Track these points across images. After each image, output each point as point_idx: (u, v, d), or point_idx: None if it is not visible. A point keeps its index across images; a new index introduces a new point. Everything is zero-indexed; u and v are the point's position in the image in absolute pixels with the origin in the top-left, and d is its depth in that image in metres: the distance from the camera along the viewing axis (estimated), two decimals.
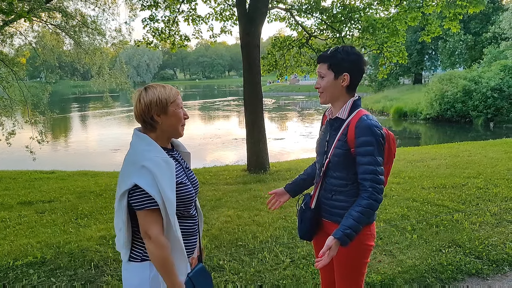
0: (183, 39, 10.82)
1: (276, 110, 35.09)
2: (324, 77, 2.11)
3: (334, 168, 2.12)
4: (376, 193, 1.98)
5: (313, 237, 2.33)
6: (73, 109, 39.93)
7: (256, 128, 8.63)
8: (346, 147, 2.05)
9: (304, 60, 11.57)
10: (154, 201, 1.67)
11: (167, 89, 1.83)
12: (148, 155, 1.71)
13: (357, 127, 2.01)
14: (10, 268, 3.89)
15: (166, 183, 1.68)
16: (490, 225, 4.64)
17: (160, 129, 1.82)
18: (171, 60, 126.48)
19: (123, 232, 1.78)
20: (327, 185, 2.18)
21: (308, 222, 2.25)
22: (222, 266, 3.82)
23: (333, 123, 2.17)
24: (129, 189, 1.69)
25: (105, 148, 17.52)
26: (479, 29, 32.12)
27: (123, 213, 1.73)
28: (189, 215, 1.86)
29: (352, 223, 1.95)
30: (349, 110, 2.09)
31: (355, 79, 2.09)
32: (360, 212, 1.97)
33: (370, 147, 1.98)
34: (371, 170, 1.98)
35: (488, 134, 17.73)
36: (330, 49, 2.11)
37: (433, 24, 9.52)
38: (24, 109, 13.21)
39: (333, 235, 1.96)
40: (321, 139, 2.26)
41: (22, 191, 7.60)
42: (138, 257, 1.80)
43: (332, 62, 2.07)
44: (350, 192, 2.10)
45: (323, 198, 2.22)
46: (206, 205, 5.96)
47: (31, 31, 13.41)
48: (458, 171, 7.42)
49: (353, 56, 2.06)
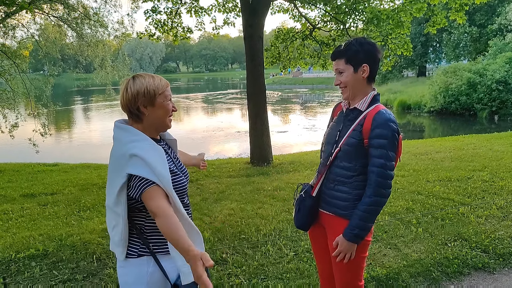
0: (185, 31, 10.73)
1: (279, 103, 34.96)
2: (343, 72, 2.10)
3: (343, 158, 2.11)
4: (381, 188, 2.00)
5: (309, 228, 2.31)
6: (76, 102, 39.94)
7: (259, 120, 8.57)
8: (360, 137, 2.05)
9: (307, 52, 11.46)
10: (151, 180, 1.62)
11: (156, 79, 1.77)
12: (136, 145, 1.67)
13: (375, 119, 2.02)
14: (12, 261, 3.87)
15: (157, 164, 1.63)
16: (496, 218, 4.58)
17: (147, 120, 1.76)
18: (174, 53, 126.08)
19: (120, 228, 1.71)
20: (331, 174, 2.17)
21: (306, 210, 2.22)
22: (225, 259, 3.79)
23: (349, 113, 2.17)
24: (125, 182, 1.65)
25: (108, 140, 17.51)
26: (485, 21, 31.72)
27: (123, 210, 1.68)
28: (184, 204, 1.81)
29: (358, 223, 2.01)
30: (369, 103, 2.11)
31: (373, 68, 2.10)
32: (365, 211, 2.00)
33: (384, 140, 1.99)
34: (381, 163, 1.99)
35: (493, 127, 17.60)
36: (343, 44, 2.11)
37: (438, 15, 9.39)
38: (27, 101, 13.21)
39: (343, 236, 2.03)
40: (332, 129, 2.26)
41: (25, 183, 7.60)
42: (135, 253, 1.75)
43: (349, 55, 2.07)
44: (354, 185, 2.09)
45: (324, 188, 2.21)
46: (209, 198, 5.92)
47: (33, 23, 13.36)
48: (463, 164, 7.35)
49: (368, 46, 2.07)
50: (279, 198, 5.74)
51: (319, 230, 2.31)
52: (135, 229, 1.76)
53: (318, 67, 11.72)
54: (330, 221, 2.19)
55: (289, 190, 6.15)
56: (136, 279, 1.73)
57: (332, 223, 2.18)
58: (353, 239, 2.02)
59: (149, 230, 1.76)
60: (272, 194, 5.97)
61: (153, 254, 1.73)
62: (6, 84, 12.08)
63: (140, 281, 1.72)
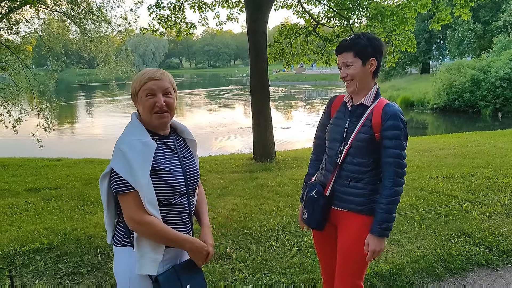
0: (189, 26, 10.71)
1: (282, 99, 34.92)
2: (351, 65, 2.10)
3: (355, 154, 2.11)
4: (399, 177, 2.04)
5: (325, 227, 2.26)
6: (79, 97, 40.01)
7: (262, 116, 8.57)
8: (371, 131, 2.07)
9: (311, 48, 11.42)
10: (131, 185, 1.61)
11: (139, 74, 1.75)
12: (127, 138, 1.67)
13: (385, 112, 2.04)
14: (17, 254, 3.90)
15: (137, 165, 1.61)
16: (500, 215, 4.58)
17: (141, 116, 1.78)
18: (177, 49, 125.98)
19: (104, 214, 1.77)
20: (344, 172, 2.15)
21: (320, 210, 2.20)
22: (228, 254, 3.80)
23: (355, 109, 2.17)
24: (109, 172, 1.67)
25: (111, 136, 17.55)
26: (489, 17, 31.53)
27: (104, 196, 1.72)
28: (170, 204, 1.75)
29: (384, 217, 2.03)
30: (374, 97, 2.14)
31: (379, 63, 2.12)
32: (388, 203, 2.02)
33: (398, 131, 2.02)
34: (397, 154, 2.03)
35: (497, 124, 17.52)
36: (350, 37, 2.11)
37: (443, 12, 9.34)
38: (30, 96, 13.25)
39: (372, 233, 2.04)
40: (336, 125, 2.22)
41: (29, 178, 7.63)
42: (119, 242, 1.77)
43: (358, 49, 2.08)
44: (368, 179, 2.11)
45: (337, 186, 2.18)
46: (212, 193, 5.93)
47: (36, 18, 13.37)
48: (466, 161, 7.34)
49: (375, 41, 2.10)
50: (282, 194, 5.74)
51: (328, 228, 2.28)
52: (122, 217, 1.76)
53: (322, 64, 11.68)
54: (344, 218, 2.18)
55: (292, 186, 6.16)
56: (121, 269, 1.74)
57: (346, 219, 2.17)
58: (383, 233, 2.03)
59: None
60: (275, 190, 5.98)
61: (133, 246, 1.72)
62: (10, 79, 12.12)
63: (124, 271, 1.73)
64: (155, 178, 1.68)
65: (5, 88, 12.09)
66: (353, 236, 2.13)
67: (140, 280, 1.71)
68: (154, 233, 1.66)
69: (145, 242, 1.68)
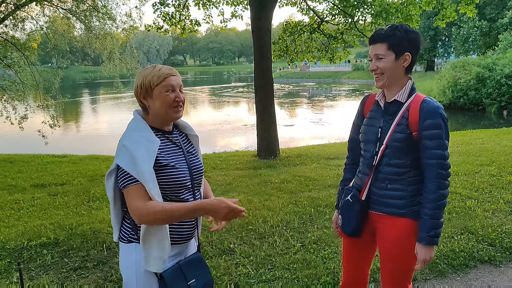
0: (193, 23, 10.74)
1: (286, 96, 34.92)
2: (383, 58, 1.95)
3: (392, 155, 1.97)
4: (444, 180, 1.90)
5: (362, 233, 2.11)
6: (84, 94, 40.20)
7: (266, 113, 8.59)
8: (408, 131, 1.92)
9: (315, 46, 11.43)
10: (133, 178, 1.63)
11: (155, 70, 1.75)
12: (131, 134, 1.69)
13: (423, 109, 1.89)
14: (24, 248, 3.96)
15: (142, 158, 1.63)
16: (503, 212, 4.59)
17: (151, 112, 1.78)
18: (181, 46, 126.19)
19: (111, 212, 1.79)
20: (381, 174, 2.02)
21: (358, 215, 2.07)
22: (232, 249, 3.84)
23: (388, 107, 2.03)
24: (115, 169, 1.69)
25: (115, 132, 17.64)
26: (495, 15, 31.35)
27: (111, 193, 1.73)
28: (178, 200, 1.77)
29: (432, 223, 1.89)
30: (409, 93, 1.98)
31: (414, 59, 1.97)
32: (434, 208, 1.89)
33: (438, 130, 1.88)
34: (439, 154, 1.89)
35: (502, 122, 17.46)
36: (386, 28, 1.97)
37: (448, 9, 9.30)
38: (36, 93, 13.34)
39: (420, 242, 1.92)
40: (370, 126, 2.09)
41: (35, 174, 7.71)
42: (126, 238, 1.78)
43: (392, 41, 1.92)
44: (407, 180, 1.97)
45: (375, 189, 2.05)
46: (216, 190, 5.97)
47: (42, 16, 13.42)
48: (470, 159, 7.33)
49: (413, 35, 1.94)
50: (286, 191, 5.78)
51: (364, 234, 2.13)
52: (128, 214, 1.77)
53: (326, 61, 11.67)
54: (384, 221, 2.05)
55: (296, 183, 6.19)
56: (128, 265, 1.76)
57: (387, 223, 2.04)
58: (432, 241, 1.90)
59: None
60: (279, 187, 6.01)
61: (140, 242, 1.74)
62: (16, 76, 12.21)
63: (130, 267, 1.74)
64: (162, 174, 1.70)
65: (11, 85, 12.18)
66: (396, 240, 2.01)
67: (146, 276, 1.73)
68: (160, 212, 1.61)
69: (152, 240, 1.69)
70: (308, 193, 5.57)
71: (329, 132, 16.21)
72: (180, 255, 1.84)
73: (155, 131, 1.77)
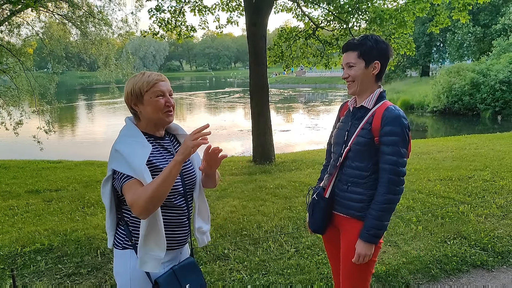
0: (189, 29, 10.77)
1: (282, 101, 35.00)
2: (353, 66, 2.06)
3: (354, 158, 2.07)
4: (394, 185, 1.98)
5: (326, 231, 2.25)
6: (79, 99, 40.11)
7: (262, 119, 8.62)
8: (370, 135, 2.02)
9: (310, 52, 11.49)
10: (129, 175, 1.66)
11: (144, 77, 1.78)
12: (123, 140, 1.73)
13: (385, 116, 1.99)
14: (18, 255, 3.95)
15: (134, 157, 1.66)
16: (496, 217, 4.62)
17: (143, 118, 1.81)
18: (177, 52, 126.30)
19: (107, 217, 1.81)
20: (343, 175, 2.12)
21: (321, 213, 2.18)
22: (227, 255, 3.85)
23: (356, 112, 2.14)
24: (111, 175, 1.71)
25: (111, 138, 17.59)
26: (488, 21, 31.65)
27: (107, 200, 1.75)
28: (172, 205, 1.80)
29: (374, 223, 1.99)
30: (376, 100, 2.07)
31: (383, 67, 2.08)
32: (380, 210, 1.98)
33: (395, 137, 1.97)
34: (393, 161, 1.97)
35: (496, 127, 17.57)
36: (358, 38, 2.08)
37: (441, 15, 9.39)
38: (31, 99, 13.32)
39: (360, 238, 2.01)
40: (340, 129, 2.21)
41: (29, 180, 7.68)
42: (120, 244, 1.80)
43: (363, 50, 2.03)
44: (368, 184, 2.05)
45: (337, 190, 2.15)
46: (211, 195, 5.98)
47: (38, 21, 13.46)
48: (464, 164, 7.38)
49: (382, 45, 2.05)
50: (281, 196, 5.79)
51: (333, 232, 2.26)
52: (123, 220, 1.80)
53: (321, 67, 11.73)
54: (345, 223, 2.14)
55: (291, 188, 6.21)
56: (122, 271, 1.77)
57: (347, 225, 2.13)
58: (371, 239, 1.98)
59: (133, 224, 1.78)
60: (274, 192, 6.02)
61: (135, 248, 1.75)
62: (11, 82, 12.20)
63: (125, 274, 1.76)
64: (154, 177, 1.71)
65: (6, 91, 12.16)
66: (353, 242, 2.07)
67: (140, 282, 1.75)
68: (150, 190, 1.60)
69: (151, 238, 1.72)
70: (302, 199, 5.58)
71: (324, 138, 16.24)
72: (174, 261, 1.87)
73: (147, 136, 1.80)
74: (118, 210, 1.81)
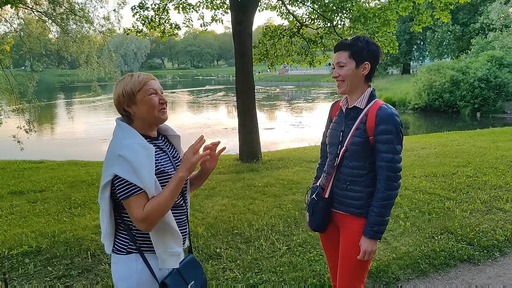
0: (173, 27, 10.68)
1: (266, 99, 35.05)
2: (344, 66, 2.12)
3: (351, 158, 2.13)
4: (392, 181, 2.05)
5: (326, 229, 2.31)
6: (60, 98, 39.37)
7: (248, 117, 8.63)
8: (365, 135, 2.08)
9: (295, 50, 11.54)
10: (138, 187, 1.64)
11: (134, 77, 1.79)
12: (125, 142, 1.69)
13: (378, 116, 2.05)
14: (5, 258, 3.87)
15: (143, 169, 1.64)
16: (480, 212, 4.74)
17: (136, 119, 1.79)
18: (159, 49, 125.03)
19: (105, 222, 1.76)
20: (342, 175, 2.18)
21: (321, 212, 2.24)
22: (219, 254, 3.85)
23: (349, 112, 2.20)
24: (111, 180, 1.67)
25: (93, 137, 17.34)
26: (467, 19, 32.33)
27: (106, 204, 1.72)
28: (175, 205, 1.81)
29: (376, 219, 2.06)
30: (367, 100, 2.14)
31: (373, 68, 2.13)
32: (380, 207, 2.05)
33: (390, 135, 2.03)
34: (389, 158, 2.04)
35: (475, 124, 18.00)
36: (350, 38, 2.13)
37: (424, 14, 9.55)
38: (10, 98, 13.00)
39: (364, 235, 2.08)
40: (334, 130, 2.27)
41: (11, 181, 7.51)
42: (124, 249, 1.76)
43: (354, 50, 2.09)
44: (366, 183, 2.12)
45: (336, 189, 2.21)
46: (200, 194, 5.96)
47: (16, 18, 13.12)
48: (447, 160, 7.54)
49: (373, 46, 2.11)
50: (270, 194, 5.82)
51: (332, 230, 2.32)
52: (124, 224, 1.77)
53: (306, 65, 11.80)
54: (345, 220, 2.21)
55: (280, 187, 6.24)
56: (127, 277, 1.75)
57: (347, 222, 2.20)
58: (375, 235, 2.06)
59: (136, 228, 1.75)
60: (263, 190, 6.04)
61: (140, 252, 1.75)
62: None
63: (130, 279, 1.74)
64: (159, 181, 1.72)
65: None
66: (352, 239, 2.15)
67: (147, 284, 1.74)
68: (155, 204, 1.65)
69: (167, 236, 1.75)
70: (292, 196, 5.62)
71: (309, 135, 16.36)
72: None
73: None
74: (116, 214, 1.78)
